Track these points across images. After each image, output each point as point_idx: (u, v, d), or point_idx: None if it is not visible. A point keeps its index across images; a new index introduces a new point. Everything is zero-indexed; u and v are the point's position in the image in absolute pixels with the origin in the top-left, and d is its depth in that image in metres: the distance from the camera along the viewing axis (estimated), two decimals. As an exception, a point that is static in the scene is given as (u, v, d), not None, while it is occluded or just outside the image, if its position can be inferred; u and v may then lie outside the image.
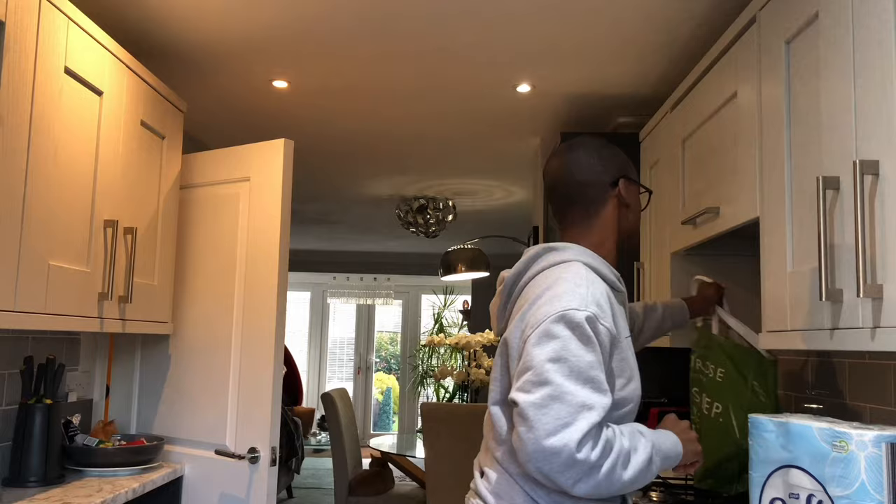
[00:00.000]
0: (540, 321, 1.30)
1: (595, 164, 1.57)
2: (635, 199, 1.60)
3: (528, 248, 1.55)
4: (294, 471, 6.06)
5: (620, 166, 1.59)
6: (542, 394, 1.23)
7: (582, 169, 1.56)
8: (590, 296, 1.33)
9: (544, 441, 1.21)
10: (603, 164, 1.57)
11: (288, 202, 2.62)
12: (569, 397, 1.22)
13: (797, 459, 1.30)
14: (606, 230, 1.56)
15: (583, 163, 1.57)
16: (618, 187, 1.56)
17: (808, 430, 1.28)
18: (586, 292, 1.33)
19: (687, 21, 2.39)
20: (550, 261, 1.45)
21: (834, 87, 1.37)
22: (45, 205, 1.90)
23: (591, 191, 1.56)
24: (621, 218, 1.58)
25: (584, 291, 1.33)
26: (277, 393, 2.54)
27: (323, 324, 10.22)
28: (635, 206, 1.60)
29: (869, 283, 1.20)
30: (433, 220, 5.51)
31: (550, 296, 1.34)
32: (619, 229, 1.58)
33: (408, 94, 3.17)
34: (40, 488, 2.17)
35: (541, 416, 1.22)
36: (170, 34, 2.59)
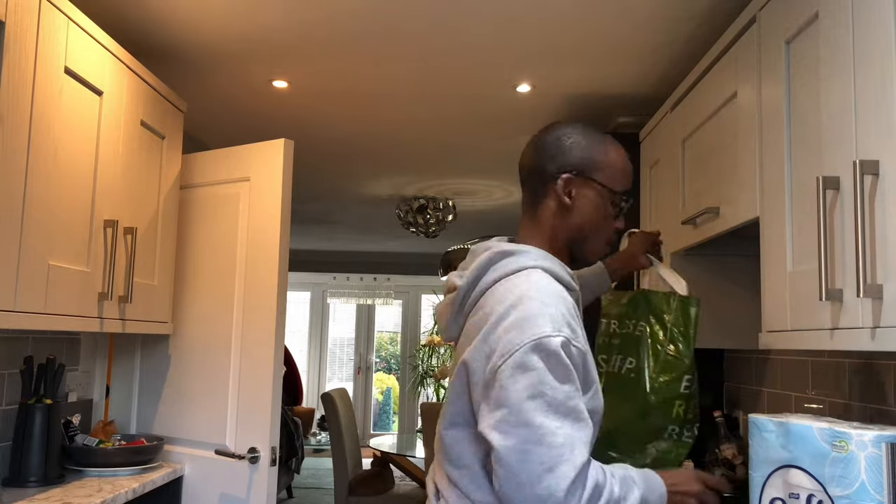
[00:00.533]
0: (512, 350, 1.17)
1: (550, 148, 1.39)
2: (589, 202, 1.38)
3: (476, 247, 1.39)
4: (294, 471, 6.06)
5: (576, 159, 1.38)
6: (521, 437, 1.13)
7: (534, 153, 1.41)
8: (560, 315, 1.20)
9: (528, 490, 1.11)
10: (555, 151, 1.39)
11: (288, 202, 2.62)
12: (550, 438, 1.12)
13: (797, 459, 1.30)
14: (549, 231, 1.39)
15: (537, 146, 1.41)
16: (557, 181, 1.37)
17: (808, 431, 1.28)
18: (556, 312, 1.20)
19: (687, 21, 2.39)
20: (507, 268, 1.29)
21: (834, 86, 1.37)
22: (45, 205, 1.90)
23: (533, 178, 1.41)
24: (563, 220, 1.38)
25: (555, 311, 1.20)
26: (277, 393, 2.54)
27: (323, 324, 10.22)
28: (587, 210, 1.38)
29: (869, 283, 1.20)
30: (433, 220, 5.51)
31: (519, 318, 1.19)
32: (559, 232, 1.39)
33: (408, 95, 3.17)
34: (40, 488, 2.17)
35: (522, 462, 1.11)
36: (170, 34, 2.58)
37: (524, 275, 1.28)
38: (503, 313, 1.22)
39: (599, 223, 1.39)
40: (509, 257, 1.31)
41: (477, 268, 1.32)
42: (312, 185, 5.06)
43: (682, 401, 1.74)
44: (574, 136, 1.39)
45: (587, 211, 1.38)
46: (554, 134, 1.41)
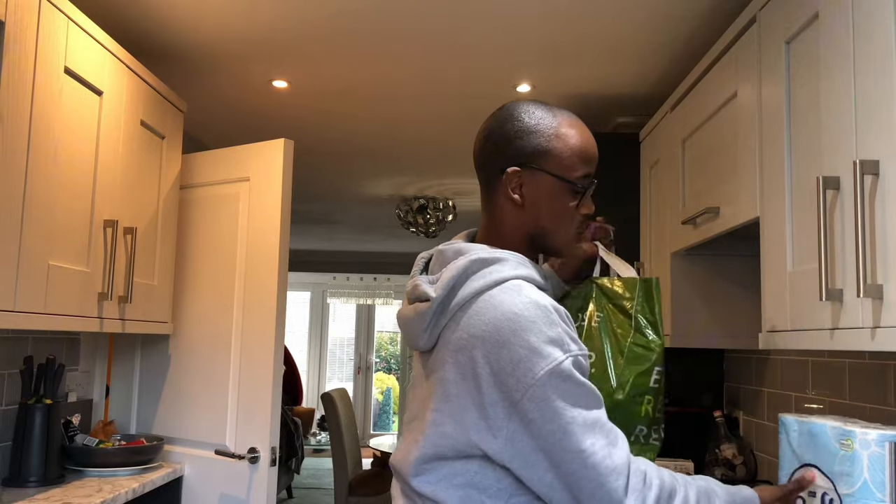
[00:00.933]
0: (529, 385, 1.09)
1: (494, 139, 1.25)
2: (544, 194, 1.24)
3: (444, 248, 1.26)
4: (294, 471, 6.07)
5: (524, 149, 1.23)
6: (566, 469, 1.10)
7: (481, 144, 1.28)
8: (561, 332, 1.13)
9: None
10: (500, 141, 1.25)
11: (288, 202, 2.62)
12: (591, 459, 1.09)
13: (814, 458, 1.31)
14: (506, 230, 1.27)
15: (482, 137, 1.28)
16: (503, 176, 1.24)
17: (822, 429, 1.29)
18: (556, 331, 1.12)
19: (687, 21, 2.39)
20: (488, 279, 1.17)
21: (834, 86, 1.37)
22: (44, 205, 1.90)
23: (483, 177, 1.28)
24: (517, 217, 1.25)
25: (556, 332, 1.12)
26: (277, 393, 2.54)
27: (323, 324, 10.22)
28: (543, 203, 1.24)
29: (869, 283, 1.20)
30: (433, 220, 5.51)
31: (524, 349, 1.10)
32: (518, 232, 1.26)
33: (408, 95, 3.17)
34: (40, 488, 2.17)
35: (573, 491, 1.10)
36: (170, 34, 2.58)
37: (510, 288, 1.16)
38: (502, 341, 1.11)
39: (560, 215, 1.25)
40: (489, 266, 1.19)
41: (453, 277, 1.18)
42: (312, 185, 5.06)
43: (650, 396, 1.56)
44: (520, 121, 1.24)
45: (542, 205, 1.24)
46: (499, 120, 1.26)
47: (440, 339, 1.20)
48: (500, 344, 1.11)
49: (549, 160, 1.23)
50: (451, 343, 1.16)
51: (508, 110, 1.27)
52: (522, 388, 1.09)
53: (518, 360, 1.10)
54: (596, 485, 1.08)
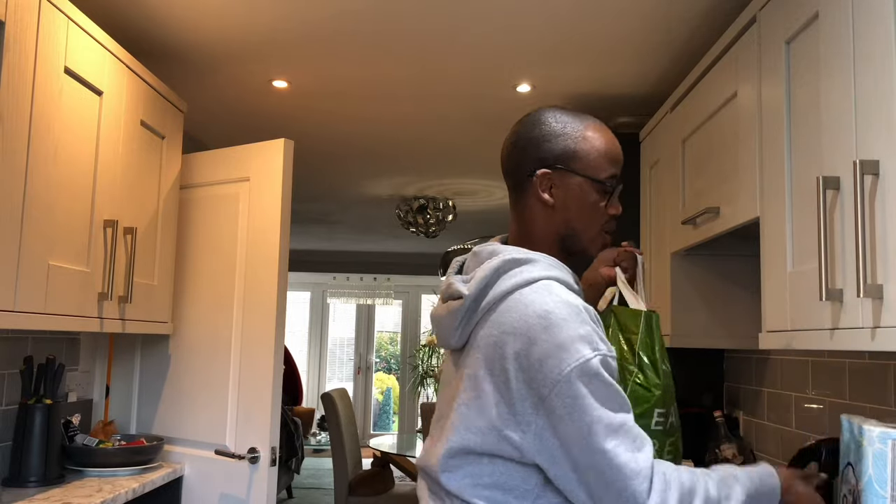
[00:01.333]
0: (556, 381, 1.11)
1: (523, 143, 1.30)
2: (573, 195, 1.28)
3: (479, 250, 1.30)
4: (294, 471, 6.07)
5: (548, 153, 1.28)
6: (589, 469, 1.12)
7: (510, 149, 1.32)
8: (590, 331, 1.15)
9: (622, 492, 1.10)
10: (529, 145, 1.29)
11: (288, 202, 2.62)
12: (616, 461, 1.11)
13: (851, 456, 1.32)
14: (537, 231, 1.30)
15: (511, 141, 1.32)
16: (533, 178, 1.28)
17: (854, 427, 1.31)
18: (586, 330, 1.14)
19: (687, 21, 2.39)
20: (519, 279, 1.20)
21: (834, 86, 1.37)
22: (44, 205, 1.90)
23: (511, 178, 1.32)
24: (548, 218, 1.29)
25: (585, 330, 1.14)
26: (277, 393, 2.54)
27: (323, 324, 10.22)
28: (572, 203, 1.29)
29: (869, 283, 1.20)
30: (433, 220, 5.51)
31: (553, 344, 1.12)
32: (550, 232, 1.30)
33: (408, 94, 3.17)
34: (40, 488, 2.17)
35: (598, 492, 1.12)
36: (170, 34, 2.58)
37: (541, 288, 1.19)
38: (532, 338, 1.14)
39: (589, 214, 1.29)
40: (521, 266, 1.22)
41: (486, 276, 1.22)
42: (312, 185, 5.06)
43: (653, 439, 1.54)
44: (547, 126, 1.29)
45: (572, 205, 1.28)
46: (526, 126, 1.31)
47: (471, 338, 1.23)
48: (529, 340, 1.14)
49: (577, 161, 1.27)
50: (481, 340, 1.20)
51: (535, 116, 1.31)
52: (550, 384, 1.11)
53: (546, 356, 1.12)
54: (620, 486, 1.10)
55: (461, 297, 1.23)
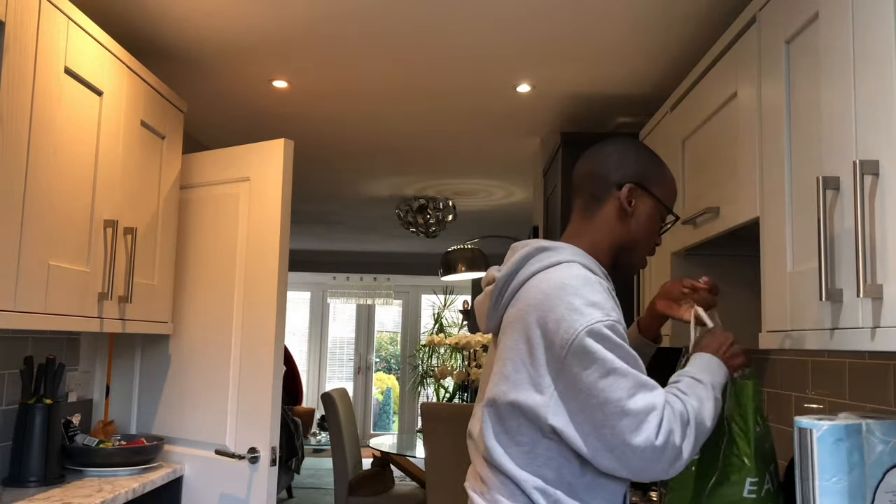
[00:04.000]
0: (570, 338, 1.28)
1: (613, 159, 1.50)
2: (645, 213, 1.49)
3: (516, 244, 1.49)
4: (294, 471, 6.07)
5: (639, 172, 1.49)
6: (605, 414, 1.25)
7: (598, 161, 1.51)
8: (603, 300, 1.31)
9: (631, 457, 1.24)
10: (619, 162, 1.50)
11: (288, 202, 2.62)
12: (629, 406, 1.24)
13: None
14: (601, 234, 1.48)
15: (602, 155, 1.52)
16: (621, 190, 1.48)
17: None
18: (599, 298, 1.31)
19: (687, 21, 2.39)
20: (545, 262, 1.39)
21: (834, 86, 1.37)
22: (44, 205, 1.90)
23: (595, 185, 1.50)
24: (619, 226, 1.48)
25: (598, 298, 1.31)
26: (277, 393, 2.54)
27: (323, 324, 10.21)
28: (642, 220, 1.49)
29: (869, 283, 1.20)
30: (433, 220, 5.51)
31: (568, 308, 1.30)
32: (613, 238, 1.49)
33: (408, 94, 3.17)
34: (40, 488, 2.17)
35: (614, 436, 1.25)
36: (170, 34, 2.58)
37: (562, 267, 1.37)
38: (550, 305, 1.31)
39: (648, 235, 1.50)
40: (546, 252, 1.41)
41: (516, 261, 1.41)
42: (312, 185, 5.06)
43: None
44: (639, 151, 1.51)
45: (642, 221, 1.49)
46: (619, 146, 1.51)
47: (503, 319, 1.42)
48: (548, 308, 1.31)
49: (657, 187, 1.50)
50: (510, 317, 1.39)
51: (625, 139, 1.55)
52: (565, 345, 1.28)
53: (561, 319, 1.29)
54: (631, 433, 1.23)
55: (494, 281, 1.44)
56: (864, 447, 1.32)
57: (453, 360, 8.29)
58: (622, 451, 1.24)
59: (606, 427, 1.24)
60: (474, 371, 5.04)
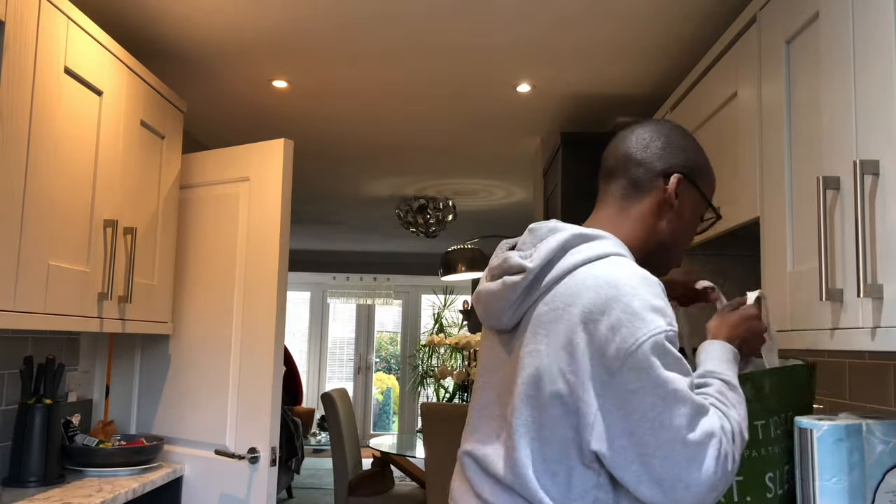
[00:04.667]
0: (629, 352, 1.07)
1: (656, 144, 1.30)
2: (689, 208, 1.30)
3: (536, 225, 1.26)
4: (294, 471, 6.06)
5: (687, 162, 1.30)
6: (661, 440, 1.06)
7: (639, 144, 1.31)
8: (664, 304, 1.12)
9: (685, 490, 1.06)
10: (664, 149, 1.30)
11: (288, 202, 2.62)
12: (685, 434, 1.06)
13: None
14: (638, 227, 1.28)
15: (644, 138, 1.31)
16: (669, 181, 1.28)
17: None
18: (661, 303, 1.11)
19: (687, 21, 2.39)
20: (588, 254, 1.17)
21: (834, 86, 1.37)
22: (44, 205, 1.90)
23: (637, 171, 1.29)
24: (660, 220, 1.29)
25: (660, 303, 1.11)
26: (277, 393, 2.54)
27: (323, 324, 10.21)
28: (685, 215, 1.30)
29: (869, 283, 1.20)
30: (433, 220, 5.51)
31: (626, 313, 1.08)
32: (652, 233, 1.29)
33: (408, 94, 3.17)
34: (40, 488, 2.16)
35: (669, 464, 1.06)
36: (170, 34, 2.58)
37: (610, 263, 1.15)
38: (603, 307, 1.09)
39: (689, 232, 1.33)
40: (588, 242, 1.19)
41: (552, 249, 1.18)
42: (312, 185, 5.06)
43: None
44: (685, 138, 1.33)
45: (686, 217, 1.31)
46: (665, 128, 1.33)
47: (525, 316, 1.19)
48: (599, 311, 1.09)
49: (703, 180, 1.32)
50: (542, 316, 1.15)
51: (675, 125, 1.34)
52: (623, 355, 1.07)
53: (620, 325, 1.08)
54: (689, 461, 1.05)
55: (522, 272, 1.18)
56: (865, 447, 1.32)
57: (453, 361, 8.29)
58: (672, 485, 1.06)
59: (657, 457, 1.06)
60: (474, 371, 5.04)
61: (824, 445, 1.29)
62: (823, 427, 1.29)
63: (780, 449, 1.39)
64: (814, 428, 1.29)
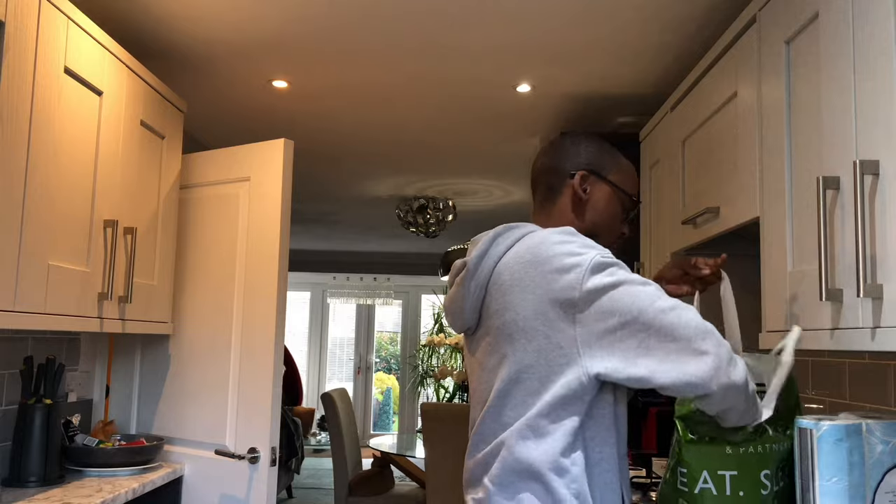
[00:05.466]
0: (578, 281, 1.23)
1: (565, 151, 1.52)
2: (602, 199, 1.48)
3: (475, 238, 1.45)
4: (294, 471, 6.07)
5: (590, 160, 1.50)
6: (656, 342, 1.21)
7: (552, 154, 1.52)
8: (593, 242, 1.31)
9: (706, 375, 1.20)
10: (571, 153, 1.51)
11: (288, 202, 2.62)
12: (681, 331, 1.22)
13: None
14: (563, 220, 1.48)
15: (556, 148, 1.53)
16: (574, 178, 1.48)
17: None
18: (591, 243, 1.30)
19: (687, 21, 2.39)
20: (515, 235, 1.37)
21: (834, 86, 1.37)
22: (44, 205, 1.90)
23: (550, 177, 1.51)
24: (576, 213, 1.48)
25: (592, 243, 1.30)
26: (277, 393, 2.54)
27: (323, 324, 10.21)
28: (599, 206, 1.48)
29: (869, 283, 1.20)
30: (433, 220, 5.51)
31: (562, 254, 1.26)
32: (574, 223, 1.48)
33: (408, 94, 3.17)
34: (40, 488, 2.17)
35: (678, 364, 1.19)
36: (169, 34, 2.58)
37: (538, 233, 1.34)
38: (541, 260, 1.27)
39: (610, 222, 1.49)
40: (513, 228, 1.38)
41: (485, 241, 1.37)
42: (312, 185, 5.06)
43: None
44: (590, 141, 1.52)
45: (600, 207, 1.48)
46: (570, 138, 1.53)
47: (483, 314, 1.36)
48: (540, 263, 1.27)
49: (612, 173, 1.50)
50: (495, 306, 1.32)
51: (577, 132, 1.57)
52: (577, 286, 1.22)
53: (561, 268, 1.24)
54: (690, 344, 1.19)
55: (465, 268, 1.37)
56: (865, 447, 1.32)
57: (453, 360, 8.29)
58: (682, 346, 1.19)
59: (653, 328, 1.19)
60: (474, 371, 5.03)
61: (824, 445, 1.28)
62: (823, 427, 1.29)
63: (778, 447, 1.40)
64: (814, 428, 1.29)
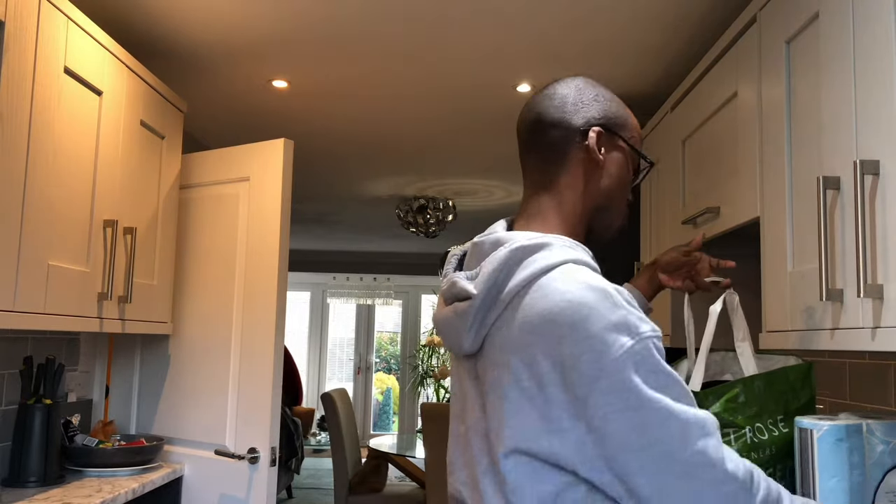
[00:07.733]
0: (595, 377, 0.97)
1: (568, 100, 1.18)
2: (616, 162, 1.19)
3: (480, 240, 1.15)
4: (294, 471, 6.07)
5: (603, 112, 1.18)
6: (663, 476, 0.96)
7: (551, 105, 1.18)
8: (625, 313, 1.00)
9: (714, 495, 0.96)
10: (577, 103, 1.18)
11: (288, 202, 2.62)
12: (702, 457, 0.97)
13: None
14: (570, 200, 1.17)
15: (554, 97, 1.19)
16: (588, 136, 1.16)
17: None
18: (622, 315, 0.99)
19: (687, 21, 2.39)
20: (533, 270, 1.06)
21: (834, 86, 1.37)
22: (44, 205, 1.90)
23: (551, 134, 1.17)
24: (588, 182, 1.17)
25: (621, 316, 0.99)
26: (277, 393, 2.54)
27: (323, 324, 10.21)
28: (614, 171, 1.19)
29: (869, 283, 1.20)
30: (433, 220, 5.51)
31: (584, 336, 0.98)
32: (585, 199, 1.17)
33: (408, 94, 3.17)
34: (40, 488, 2.16)
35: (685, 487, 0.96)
36: (170, 34, 2.58)
37: (560, 275, 1.04)
38: (560, 335, 1.00)
39: (623, 189, 1.21)
40: (533, 254, 1.07)
41: (494, 271, 1.07)
42: (312, 185, 5.06)
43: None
44: (598, 88, 1.21)
45: (616, 172, 1.19)
46: (572, 84, 1.20)
47: (487, 340, 1.09)
48: (558, 338, 0.99)
49: (625, 129, 1.20)
50: (505, 343, 1.05)
51: (578, 78, 1.21)
52: (588, 382, 0.97)
53: (580, 353, 0.98)
54: (713, 489, 0.96)
55: (469, 298, 1.09)
56: (865, 448, 1.32)
57: (453, 361, 8.28)
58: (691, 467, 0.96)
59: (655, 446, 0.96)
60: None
61: (825, 445, 1.29)
62: (824, 427, 1.29)
63: (777, 449, 1.40)
64: (814, 428, 1.29)
